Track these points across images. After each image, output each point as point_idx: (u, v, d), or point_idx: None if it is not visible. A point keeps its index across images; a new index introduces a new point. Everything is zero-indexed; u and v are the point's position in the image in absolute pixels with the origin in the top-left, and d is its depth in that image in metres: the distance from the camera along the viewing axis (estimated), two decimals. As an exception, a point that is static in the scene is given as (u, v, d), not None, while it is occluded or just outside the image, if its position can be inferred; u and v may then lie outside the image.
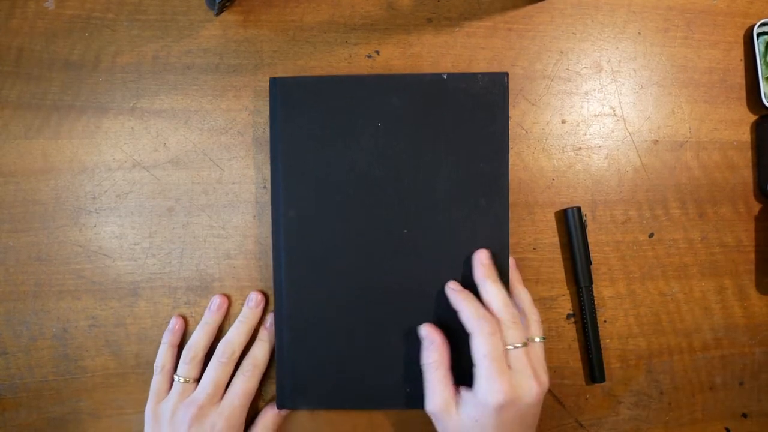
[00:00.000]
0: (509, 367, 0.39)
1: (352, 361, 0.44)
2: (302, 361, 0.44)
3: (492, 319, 0.40)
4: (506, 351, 0.39)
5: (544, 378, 0.40)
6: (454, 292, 0.42)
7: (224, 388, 0.44)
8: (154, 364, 0.45)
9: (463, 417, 0.39)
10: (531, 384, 0.39)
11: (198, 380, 0.44)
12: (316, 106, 0.44)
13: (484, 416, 0.38)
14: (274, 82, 0.44)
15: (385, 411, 0.48)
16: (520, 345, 0.40)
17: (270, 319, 0.46)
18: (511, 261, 0.45)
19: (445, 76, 0.44)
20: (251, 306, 0.46)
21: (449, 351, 0.42)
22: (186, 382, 0.43)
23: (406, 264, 0.44)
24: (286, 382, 0.44)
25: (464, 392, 0.40)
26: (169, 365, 0.45)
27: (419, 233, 0.44)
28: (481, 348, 0.39)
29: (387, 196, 0.44)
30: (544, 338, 0.44)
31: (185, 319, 0.47)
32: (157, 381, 0.45)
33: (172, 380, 0.44)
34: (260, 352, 0.45)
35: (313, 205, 0.44)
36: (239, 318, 0.46)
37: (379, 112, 0.44)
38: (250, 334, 0.46)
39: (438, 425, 0.41)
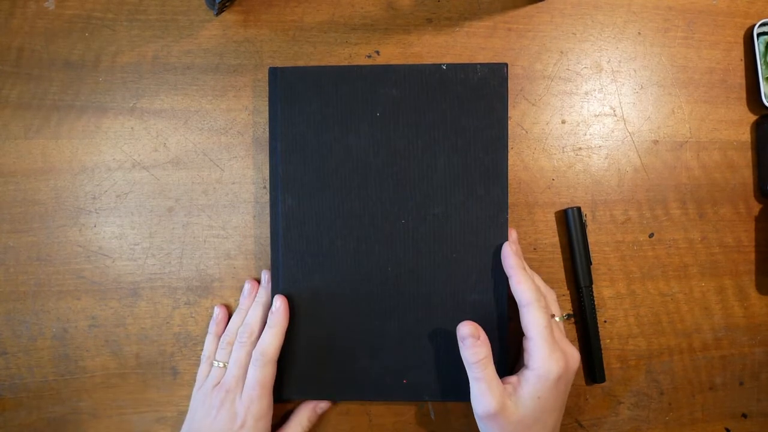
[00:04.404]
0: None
1: (351, 351, 0.44)
2: (301, 351, 0.44)
3: (543, 294, 0.41)
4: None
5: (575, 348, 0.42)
6: (512, 257, 0.42)
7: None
8: (201, 354, 0.46)
9: (523, 401, 0.39)
10: (573, 351, 0.41)
11: None
12: (315, 96, 0.44)
13: (544, 390, 0.39)
14: (274, 72, 0.44)
15: (384, 411, 0.48)
16: (558, 318, 0.43)
17: (277, 303, 0.44)
18: (513, 234, 0.45)
19: (444, 67, 0.44)
20: (264, 285, 0.46)
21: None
22: (223, 366, 0.44)
23: (404, 254, 0.44)
24: (284, 371, 0.44)
25: (516, 376, 0.40)
26: (213, 355, 0.46)
27: (417, 223, 0.44)
28: (540, 320, 0.39)
29: (385, 185, 0.44)
30: (567, 316, 0.47)
31: (227, 308, 0.47)
32: (201, 369, 0.46)
33: None
34: (267, 339, 0.43)
35: (312, 193, 0.44)
36: (256, 299, 0.46)
37: (378, 101, 0.44)
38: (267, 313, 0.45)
39: (492, 427, 0.39)
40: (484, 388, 0.39)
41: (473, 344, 0.40)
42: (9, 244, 0.47)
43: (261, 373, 0.42)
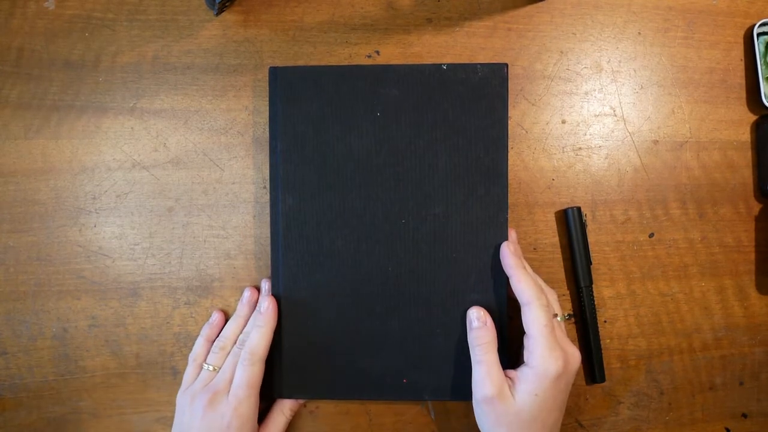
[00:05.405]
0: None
1: (351, 351, 0.44)
2: (299, 350, 0.44)
3: (544, 292, 0.42)
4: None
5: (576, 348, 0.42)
6: (511, 257, 0.42)
7: None
8: (189, 355, 0.46)
9: (521, 395, 0.39)
10: (574, 351, 0.41)
11: None
12: (315, 96, 0.44)
13: (543, 388, 0.39)
14: (274, 72, 0.44)
15: (384, 410, 0.48)
16: (560, 318, 0.43)
17: (265, 303, 0.44)
18: (512, 234, 0.45)
19: (444, 67, 0.44)
20: (264, 295, 0.46)
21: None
22: (214, 370, 0.44)
23: (405, 253, 0.44)
24: (284, 371, 0.44)
25: (515, 372, 0.40)
26: (201, 357, 0.45)
27: (417, 222, 0.44)
28: (541, 318, 0.39)
29: (386, 184, 0.44)
30: (568, 316, 0.47)
31: (225, 314, 0.47)
32: (189, 371, 0.45)
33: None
34: (255, 338, 0.43)
35: (312, 193, 0.44)
36: (257, 309, 0.45)
37: (378, 101, 0.44)
38: None
39: (489, 413, 0.39)
40: (484, 372, 0.40)
41: (479, 327, 0.42)
42: (9, 244, 0.47)
43: (249, 372, 0.42)
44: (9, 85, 0.47)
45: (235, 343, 0.45)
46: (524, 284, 0.41)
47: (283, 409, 0.46)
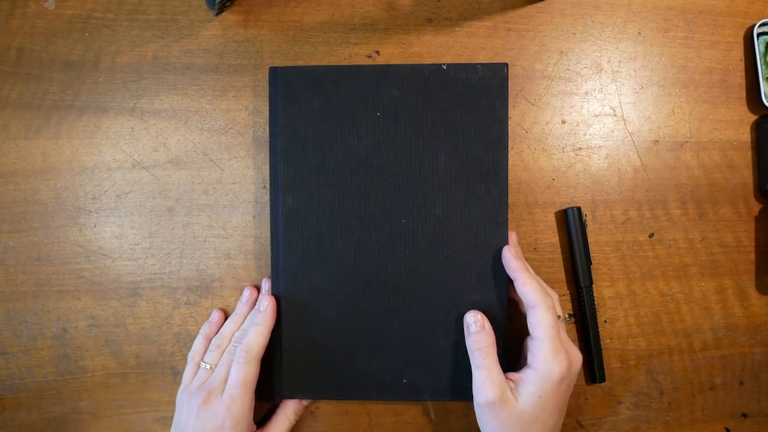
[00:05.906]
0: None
1: (351, 351, 0.44)
2: (299, 350, 0.44)
3: (549, 295, 0.42)
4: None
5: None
6: (514, 260, 0.42)
7: None
8: (188, 354, 0.46)
9: (523, 398, 0.39)
10: (576, 353, 0.41)
11: None
12: (316, 96, 0.44)
13: (546, 390, 0.39)
14: (275, 72, 0.44)
15: (384, 411, 0.48)
16: (562, 318, 0.43)
17: (264, 302, 0.44)
18: (513, 236, 0.45)
19: (444, 67, 0.44)
20: (264, 294, 0.45)
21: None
22: (210, 369, 0.44)
23: (404, 253, 0.44)
24: (284, 371, 0.44)
25: (518, 374, 0.40)
26: (199, 356, 0.45)
27: (417, 222, 0.44)
28: (548, 321, 0.39)
29: (385, 185, 0.44)
30: (569, 317, 0.47)
31: (225, 313, 0.47)
32: (187, 370, 0.45)
33: None
34: (252, 336, 0.43)
35: (312, 193, 0.44)
36: (255, 307, 0.45)
37: (378, 101, 0.44)
38: None
39: (491, 417, 0.39)
40: (485, 376, 0.40)
41: (477, 331, 0.42)
42: (9, 244, 0.47)
43: (244, 370, 0.42)
44: (9, 85, 0.47)
45: (230, 341, 0.45)
46: (530, 287, 0.41)
47: (287, 412, 0.46)
